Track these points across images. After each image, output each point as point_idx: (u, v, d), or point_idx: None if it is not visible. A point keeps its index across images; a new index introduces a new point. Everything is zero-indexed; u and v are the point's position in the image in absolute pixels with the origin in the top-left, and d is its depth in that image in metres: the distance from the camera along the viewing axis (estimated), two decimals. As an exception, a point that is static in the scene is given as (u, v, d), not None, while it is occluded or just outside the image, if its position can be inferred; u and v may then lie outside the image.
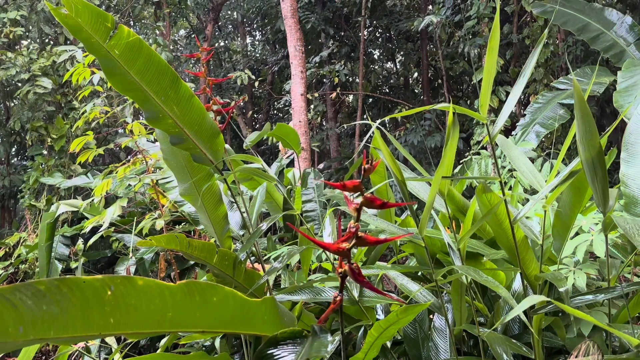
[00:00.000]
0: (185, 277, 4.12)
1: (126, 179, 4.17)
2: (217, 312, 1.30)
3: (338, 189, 1.46)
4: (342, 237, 1.39)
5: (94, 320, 1.12)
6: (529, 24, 8.51)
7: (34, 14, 8.36)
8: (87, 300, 1.11)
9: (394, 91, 13.44)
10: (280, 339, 1.34)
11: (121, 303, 1.15)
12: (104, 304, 1.13)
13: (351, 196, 1.44)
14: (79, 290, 1.09)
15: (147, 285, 1.18)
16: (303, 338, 1.38)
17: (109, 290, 1.13)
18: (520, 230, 2.01)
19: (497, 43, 1.77)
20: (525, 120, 6.24)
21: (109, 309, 1.14)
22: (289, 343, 1.34)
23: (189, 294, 1.24)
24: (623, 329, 1.93)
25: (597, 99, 8.27)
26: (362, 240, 1.40)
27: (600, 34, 6.54)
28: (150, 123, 2.26)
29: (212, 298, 1.28)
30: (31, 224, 6.99)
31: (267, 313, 1.42)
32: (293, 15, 8.03)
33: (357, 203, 1.39)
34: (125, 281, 1.15)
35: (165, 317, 1.22)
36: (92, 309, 1.11)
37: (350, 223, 1.39)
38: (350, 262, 1.43)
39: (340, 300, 1.47)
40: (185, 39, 16.44)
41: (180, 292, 1.23)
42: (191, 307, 1.25)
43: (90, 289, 1.11)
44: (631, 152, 2.09)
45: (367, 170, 1.36)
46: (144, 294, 1.18)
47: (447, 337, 2.31)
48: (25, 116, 8.01)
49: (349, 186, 1.38)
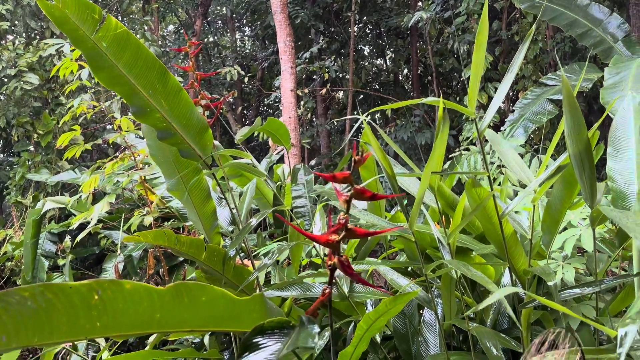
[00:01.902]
0: (174, 274, 4.10)
1: (114, 175, 4.13)
2: (206, 311, 1.30)
3: (329, 181, 1.45)
4: (331, 229, 1.38)
5: (81, 325, 1.11)
6: (518, 21, 8.55)
7: (19, 8, 8.24)
8: (74, 305, 1.09)
9: (384, 87, 13.45)
10: (267, 328, 1.34)
11: (108, 307, 1.14)
12: (90, 309, 1.11)
13: (341, 188, 1.43)
14: (65, 295, 1.08)
15: (134, 288, 1.17)
16: (290, 328, 1.37)
17: (96, 294, 1.12)
18: (510, 225, 2.02)
19: (485, 39, 1.77)
20: (514, 116, 6.27)
21: (96, 313, 1.12)
22: (276, 332, 1.33)
23: (177, 295, 1.23)
24: (608, 323, 1.94)
25: (585, 95, 8.34)
26: (351, 232, 1.39)
27: (588, 30, 6.59)
28: (138, 118, 2.23)
29: (200, 298, 1.27)
30: (17, 220, 6.92)
31: (255, 310, 1.41)
32: (282, 11, 8.00)
33: (347, 195, 1.38)
34: (112, 285, 1.14)
35: (153, 318, 1.21)
36: (79, 314, 1.10)
37: (340, 215, 1.39)
38: (340, 255, 1.42)
39: (329, 293, 1.46)
40: (174, 34, 16.31)
41: (168, 295, 1.22)
42: (179, 308, 1.25)
43: (76, 294, 1.09)
44: (617, 147, 2.10)
45: (358, 162, 1.35)
46: (132, 298, 1.17)
47: (436, 332, 2.32)
48: (11, 112, 7.91)
49: (339, 177, 1.37)
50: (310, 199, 3.67)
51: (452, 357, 2.01)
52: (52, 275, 4.89)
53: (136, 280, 4.63)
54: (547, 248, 2.17)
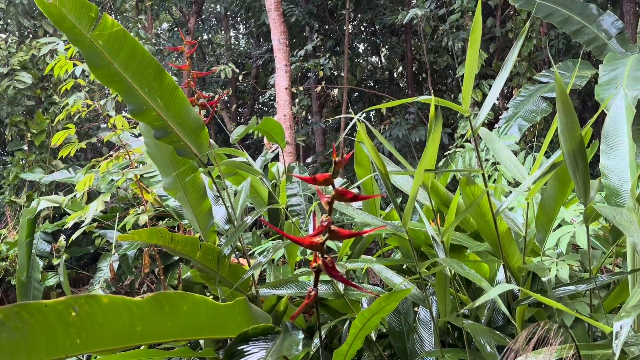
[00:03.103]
0: (169, 273, 4.09)
1: (109, 173, 4.11)
2: (189, 320, 1.28)
3: (309, 183, 1.45)
4: (315, 231, 1.39)
5: (60, 343, 1.09)
6: (512, 18, 8.57)
7: (12, 6, 8.19)
8: (50, 324, 1.07)
9: (379, 85, 13.45)
10: (251, 335, 1.32)
11: (87, 323, 1.12)
12: (68, 326, 1.10)
13: (323, 190, 1.44)
14: (41, 315, 1.06)
15: (112, 302, 1.15)
16: (275, 334, 1.36)
17: (73, 311, 1.10)
18: (504, 223, 2.03)
19: (479, 36, 1.77)
20: (508, 114, 6.30)
21: (75, 330, 1.10)
22: (261, 339, 1.32)
23: (157, 305, 1.22)
24: (602, 320, 1.95)
25: (579, 93, 8.37)
26: (334, 233, 1.39)
27: (582, 27, 6.61)
28: (134, 116, 2.22)
29: (181, 307, 1.25)
30: (11, 220, 6.88)
31: (240, 315, 1.39)
32: (277, 9, 7.98)
33: (328, 197, 1.38)
34: (89, 300, 1.12)
35: (134, 331, 1.19)
36: (57, 332, 1.08)
37: (323, 217, 1.38)
38: (324, 257, 1.42)
39: (314, 295, 1.46)
40: (168, 32, 16.25)
41: (148, 306, 1.20)
42: (160, 319, 1.23)
43: (52, 313, 1.08)
44: (611, 145, 2.11)
45: (338, 163, 1.35)
46: (111, 312, 1.15)
47: (431, 330, 2.32)
48: (5, 111, 7.86)
49: (319, 180, 1.37)
50: (305, 197, 3.67)
51: (447, 354, 2.02)
52: (46, 274, 4.87)
53: (131, 280, 4.59)
54: (542, 245, 2.18)
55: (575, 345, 1.25)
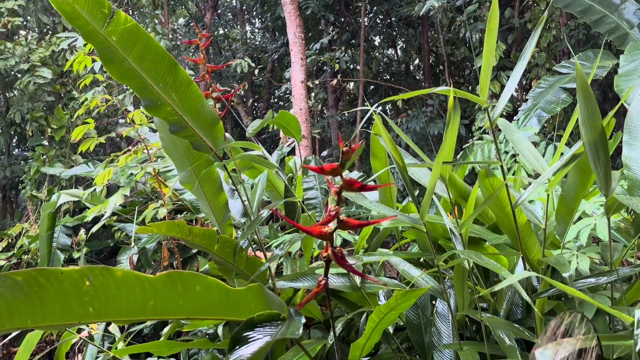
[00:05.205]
0: (188, 266, 4.13)
1: (128, 167, 4.16)
2: (201, 300, 1.32)
3: (317, 173, 1.45)
4: (323, 221, 1.39)
5: (73, 310, 1.13)
6: (530, 8, 8.43)
7: (31, 3, 8.31)
8: (65, 290, 1.11)
9: (395, 78, 13.36)
10: (257, 322, 1.35)
11: (100, 293, 1.16)
12: (82, 294, 1.13)
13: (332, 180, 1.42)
14: (57, 281, 1.10)
15: (126, 276, 1.19)
16: (281, 321, 1.39)
17: (87, 280, 1.14)
18: (523, 215, 2.00)
19: (496, 24, 1.74)
20: (527, 105, 6.20)
21: (88, 299, 1.14)
22: (266, 326, 1.35)
23: (171, 283, 1.25)
24: (624, 312, 1.92)
25: (600, 83, 8.21)
26: (344, 223, 1.39)
27: (604, 16, 6.47)
28: (149, 111, 2.24)
29: (194, 287, 1.29)
30: (33, 214, 7.01)
31: (253, 300, 1.41)
32: (292, 2, 7.96)
33: (337, 187, 1.38)
34: (104, 272, 1.16)
35: (147, 305, 1.23)
36: (71, 299, 1.12)
37: (331, 206, 1.38)
38: (333, 246, 1.42)
39: (325, 284, 1.46)
40: (184, 27, 16.33)
41: (160, 282, 1.24)
42: (173, 296, 1.26)
43: (68, 280, 1.11)
44: (634, 135, 2.07)
45: (346, 153, 1.34)
46: (124, 285, 1.19)
47: (449, 323, 2.31)
48: (25, 107, 8.00)
49: (327, 170, 1.36)
50: (322, 190, 3.67)
51: (465, 347, 2.01)
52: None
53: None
54: (562, 238, 2.15)
55: (597, 336, 1.23)
